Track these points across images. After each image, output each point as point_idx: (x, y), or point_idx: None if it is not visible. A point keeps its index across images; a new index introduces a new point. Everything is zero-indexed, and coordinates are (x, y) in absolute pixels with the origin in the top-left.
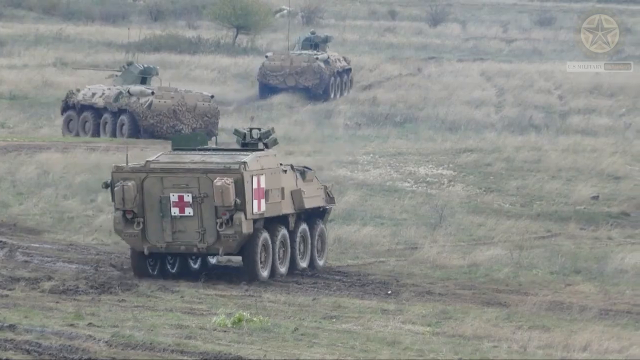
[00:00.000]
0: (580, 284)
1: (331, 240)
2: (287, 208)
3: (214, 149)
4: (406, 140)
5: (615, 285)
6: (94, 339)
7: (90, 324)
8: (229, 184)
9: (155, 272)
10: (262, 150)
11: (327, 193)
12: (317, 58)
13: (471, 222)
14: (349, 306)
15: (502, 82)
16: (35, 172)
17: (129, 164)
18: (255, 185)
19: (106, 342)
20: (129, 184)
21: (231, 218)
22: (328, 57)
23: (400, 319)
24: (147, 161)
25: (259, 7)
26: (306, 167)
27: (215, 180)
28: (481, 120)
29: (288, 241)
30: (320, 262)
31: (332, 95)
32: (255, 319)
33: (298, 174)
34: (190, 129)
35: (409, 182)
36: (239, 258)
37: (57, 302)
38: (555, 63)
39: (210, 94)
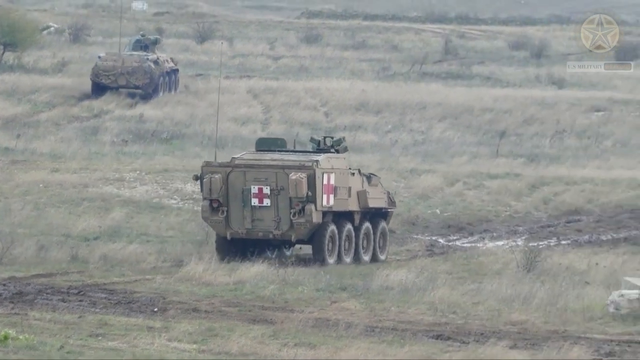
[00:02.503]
0: (346, 301)
1: (97, 258)
2: (353, 205)
3: (291, 151)
4: (173, 157)
5: (381, 302)
6: None
7: None
8: (302, 178)
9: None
10: (333, 152)
11: (390, 197)
12: (147, 58)
13: None
14: (115, 324)
15: (268, 99)
16: None
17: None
18: (325, 182)
19: None
20: (216, 176)
21: (303, 209)
22: (157, 58)
23: (166, 337)
24: (233, 158)
25: (25, 24)
26: (372, 174)
27: (290, 175)
28: (248, 137)
29: (353, 235)
30: (382, 257)
31: (161, 94)
32: (21, 337)
33: (364, 178)
34: None
35: (175, 199)
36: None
37: None
38: (321, 80)
39: None
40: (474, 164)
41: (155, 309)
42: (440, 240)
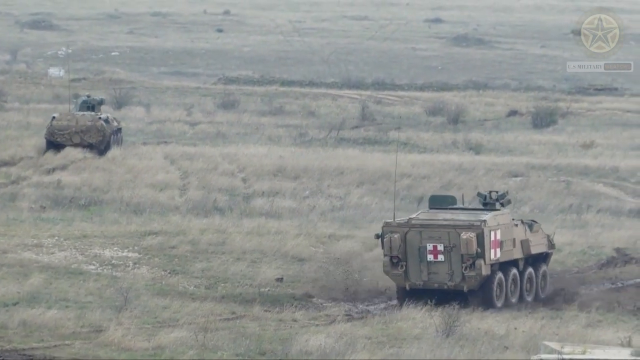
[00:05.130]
0: None
1: (16, 323)
2: (517, 254)
3: (461, 208)
4: (91, 223)
5: None
6: None
7: None
8: (472, 237)
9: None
10: (498, 210)
11: (549, 241)
12: (100, 117)
13: (156, 304)
14: None
15: (186, 165)
16: None
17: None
18: (492, 238)
19: None
20: (396, 235)
21: (474, 263)
22: (107, 117)
23: None
24: (410, 218)
25: None
26: (533, 220)
27: (462, 234)
28: (166, 203)
29: (518, 280)
30: (542, 295)
31: (112, 150)
32: None
33: (527, 227)
34: None
35: (94, 265)
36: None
37: None
38: (238, 146)
39: None
40: None
41: None
42: (360, 304)
